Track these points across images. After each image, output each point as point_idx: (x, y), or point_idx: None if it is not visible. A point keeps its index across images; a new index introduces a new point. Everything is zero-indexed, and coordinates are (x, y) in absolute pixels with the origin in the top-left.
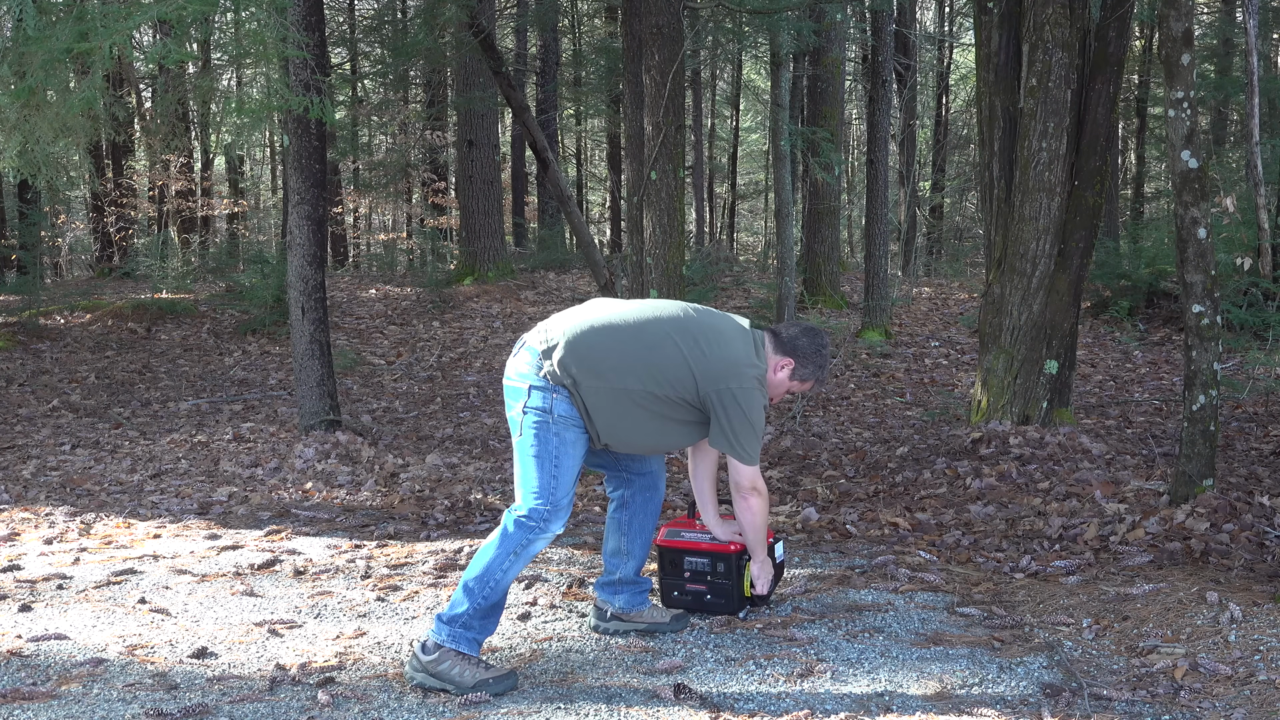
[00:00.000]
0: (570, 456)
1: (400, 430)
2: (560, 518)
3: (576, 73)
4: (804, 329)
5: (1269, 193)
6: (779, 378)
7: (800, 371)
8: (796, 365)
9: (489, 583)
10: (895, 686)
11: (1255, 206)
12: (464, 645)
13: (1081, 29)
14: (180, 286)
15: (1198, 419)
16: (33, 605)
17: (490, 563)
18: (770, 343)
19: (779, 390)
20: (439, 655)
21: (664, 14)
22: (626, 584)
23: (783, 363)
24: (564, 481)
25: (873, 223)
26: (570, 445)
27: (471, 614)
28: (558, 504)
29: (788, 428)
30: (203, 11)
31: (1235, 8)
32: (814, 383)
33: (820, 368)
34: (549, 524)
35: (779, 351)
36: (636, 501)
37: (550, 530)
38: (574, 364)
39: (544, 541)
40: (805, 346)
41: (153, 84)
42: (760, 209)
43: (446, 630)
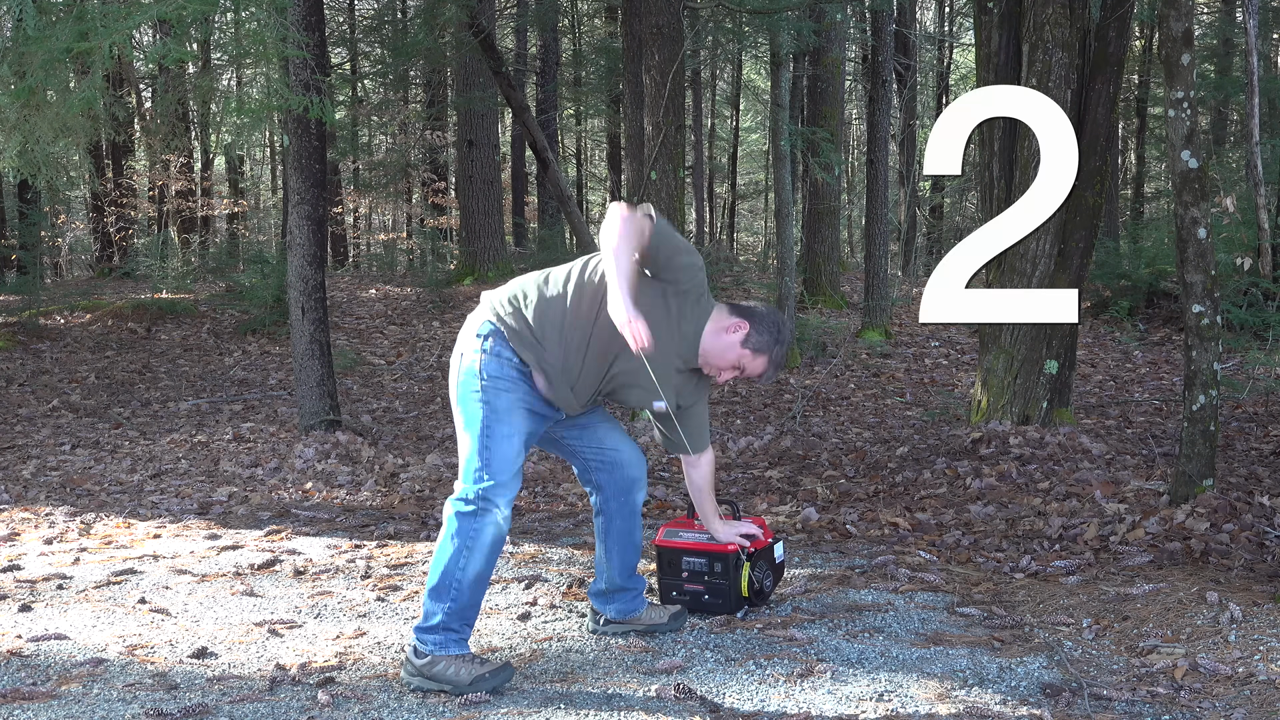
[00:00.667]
0: (505, 424)
1: (400, 430)
2: (503, 494)
3: (576, 73)
4: (761, 303)
5: (1269, 193)
6: (731, 338)
7: (754, 338)
8: (751, 329)
9: (451, 587)
10: (895, 686)
11: (1255, 206)
12: (452, 648)
13: (1081, 29)
14: (180, 286)
15: (1198, 419)
16: (33, 605)
17: (446, 566)
18: (726, 306)
19: (729, 355)
20: (430, 660)
21: (664, 14)
22: (616, 591)
23: (736, 323)
24: (499, 452)
25: (873, 223)
26: (504, 412)
27: (447, 620)
28: (497, 478)
29: (788, 428)
30: (203, 11)
31: (1235, 8)
32: (767, 360)
33: (775, 340)
34: (491, 502)
35: (734, 313)
36: (610, 507)
37: (494, 510)
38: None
39: (493, 527)
40: (762, 313)
41: (153, 84)
42: (760, 209)
43: (429, 639)
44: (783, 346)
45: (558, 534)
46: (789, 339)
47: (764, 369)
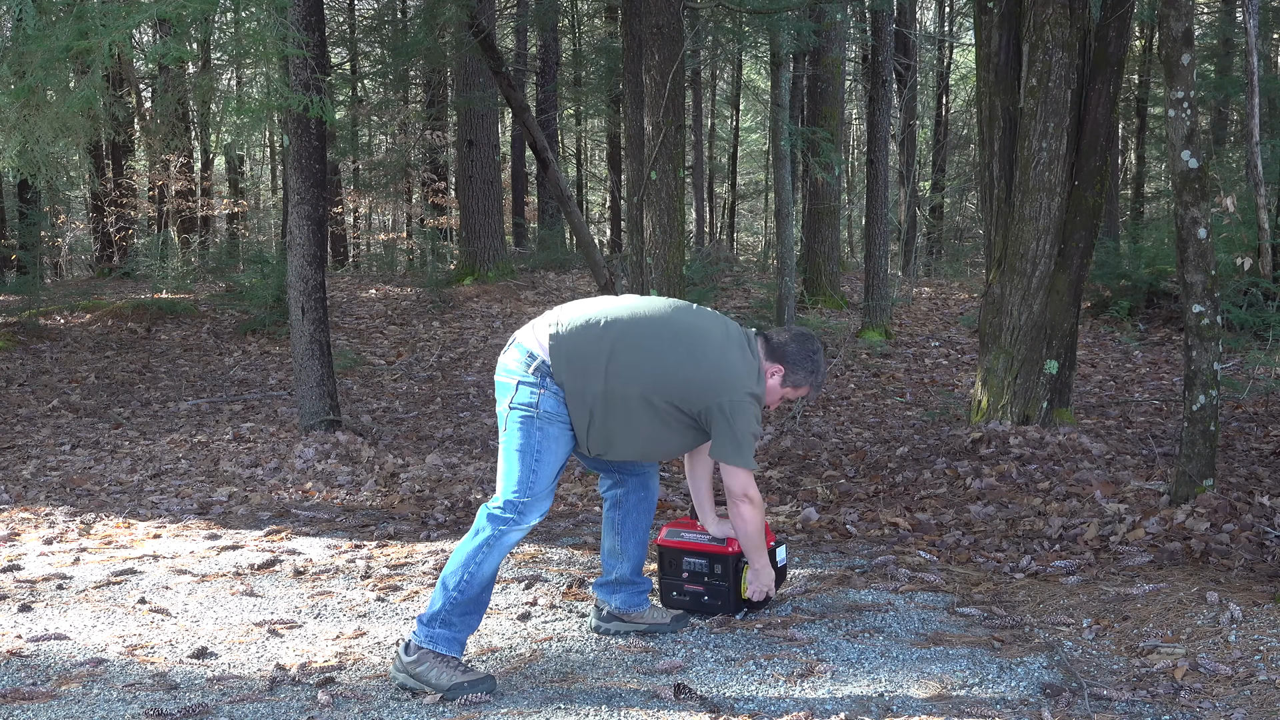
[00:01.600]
0: (552, 452)
1: (400, 430)
2: (536, 510)
3: (576, 73)
4: (794, 335)
5: (1269, 193)
6: (770, 384)
7: (791, 377)
8: (787, 371)
9: (464, 575)
10: (895, 686)
11: (1255, 206)
12: (442, 646)
13: (1081, 29)
14: (180, 286)
15: (1198, 419)
16: (33, 605)
17: (466, 556)
18: (762, 348)
19: (773, 397)
20: (419, 656)
21: (664, 14)
22: (624, 584)
23: (772, 369)
24: (543, 476)
25: (873, 223)
26: (553, 440)
27: (449, 609)
28: (535, 496)
29: (788, 428)
30: (203, 10)
31: (1235, 8)
32: (809, 388)
33: (813, 373)
34: (524, 516)
35: (769, 358)
36: (629, 501)
37: (525, 522)
38: (565, 365)
39: (518, 533)
40: (794, 353)
41: (153, 84)
42: (760, 209)
43: (425, 631)
44: (819, 374)
45: (558, 534)
46: (823, 359)
47: (806, 393)
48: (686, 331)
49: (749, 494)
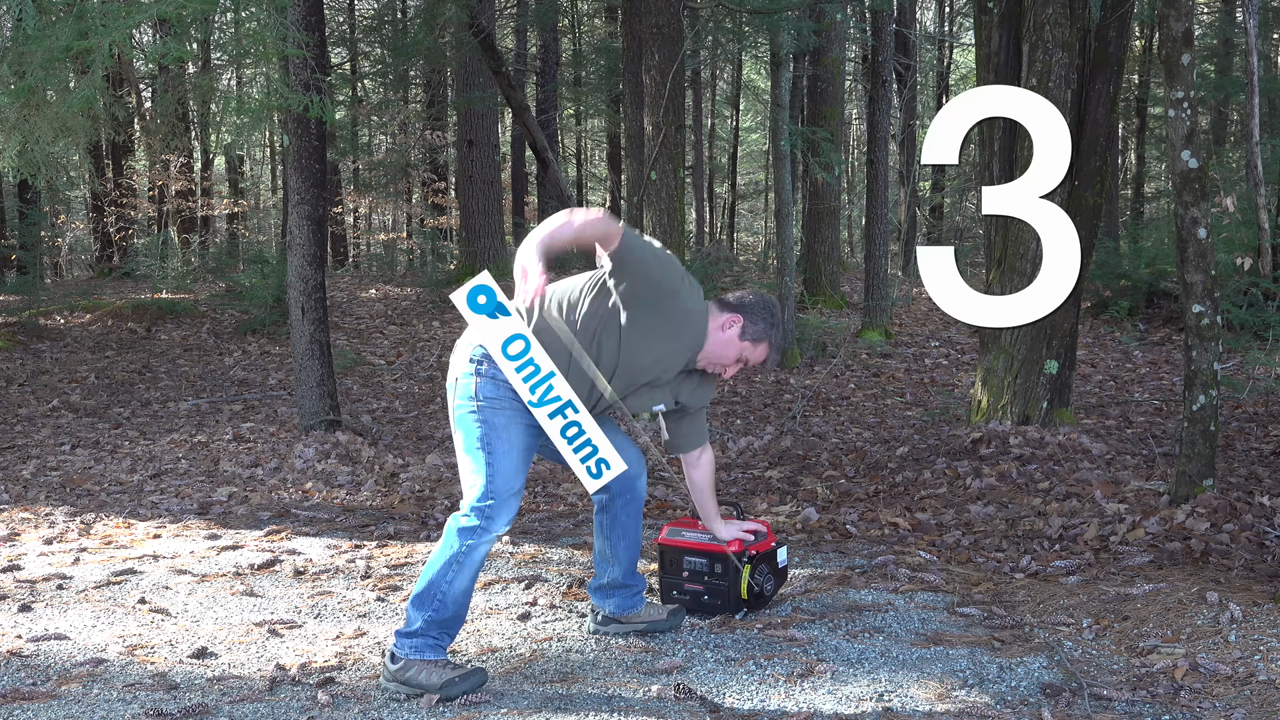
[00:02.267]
0: (504, 441)
1: (400, 430)
2: (503, 515)
3: (576, 73)
4: (749, 292)
5: (1269, 193)
6: (728, 334)
7: (750, 329)
8: (745, 321)
9: (435, 597)
10: (895, 686)
11: (1255, 206)
12: (428, 653)
13: (1081, 29)
14: (180, 286)
15: (1198, 419)
16: (33, 605)
17: (434, 577)
18: (715, 305)
19: (730, 351)
20: (404, 664)
21: (664, 14)
22: (616, 587)
23: (731, 319)
24: (500, 469)
25: (873, 223)
26: (502, 430)
27: (426, 626)
28: (499, 497)
29: (788, 428)
30: (203, 10)
31: (1235, 8)
32: (768, 345)
33: (771, 325)
34: (492, 522)
35: (724, 309)
36: (616, 505)
37: (492, 531)
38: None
39: (486, 546)
40: (751, 303)
41: (153, 84)
42: (760, 209)
43: (406, 644)
44: (779, 329)
45: (558, 534)
46: (781, 322)
47: (766, 354)
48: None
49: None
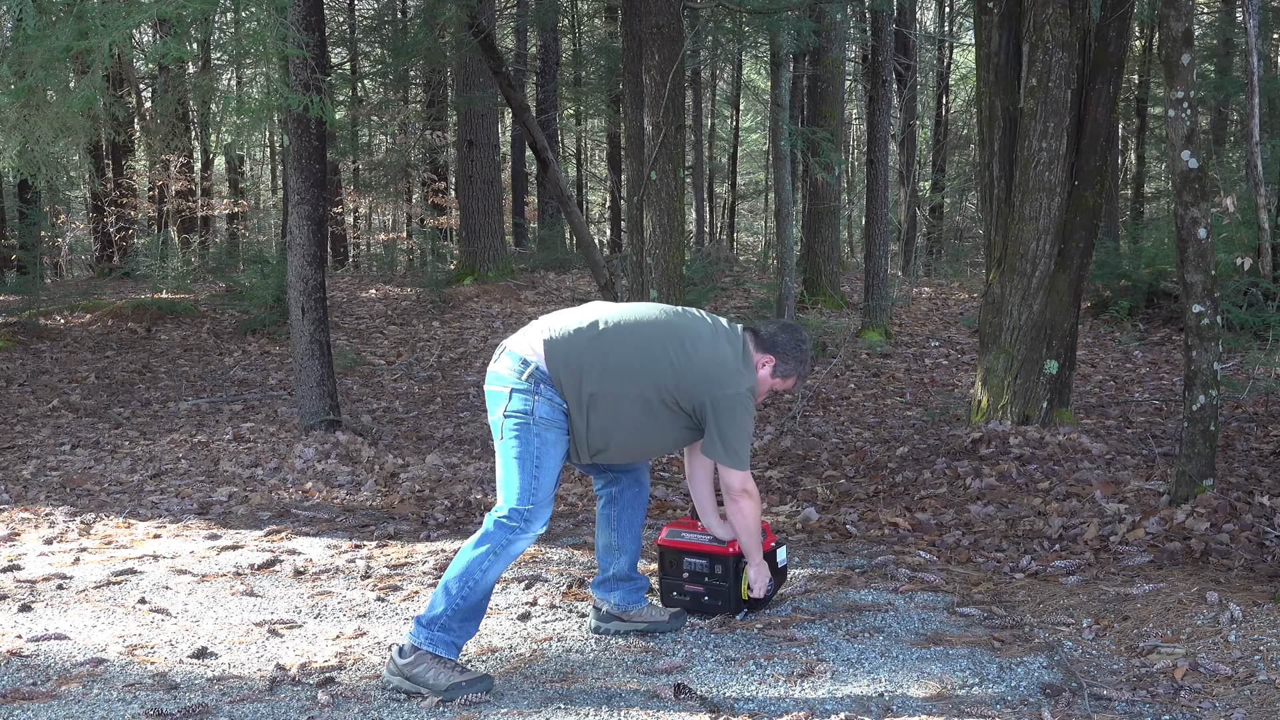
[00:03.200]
0: (551, 457)
1: (400, 430)
2: (542, 517)
3: (576, 73)
4: (782, 326)
5: (1269, 193)
6: (761, 374)
7: (781, 368)
8: (777, 362)
9: (468, 582)
10: (895, 686)
11: (1255, 206)
12: (441, 649)
13: (1081, 29)
14: (180, 286)
15: (1198, 419)
16: (33, 605)
17: (471, 562)
18: (751, 342)
19: (763, 389)
20: (415, 658)
21: (664, 14)
22: (621, 580)
23: (764, 360)
24: (545, 482)
25: (873, 223)
26: (551, 446)
27: (450, 615)
28: (539, 503)
29: (788, 428)
30: (203, 10)
31: (1235, 8)
32: (796, 379)
33: (801, 363)
34: (530, 524)
35: (760, 349)
36: (625, 497)
37: (532, 530)
38: (562, 369)
39: (525, 542)
40: (784, 343)
41: (153, 84)
42: (760, 209)
43: (425, 633)
44: (806, 364)
45: (558, 534)
46: (810, 354)
47: (794, 384)
48: (679, 330)
49: (747, 489)
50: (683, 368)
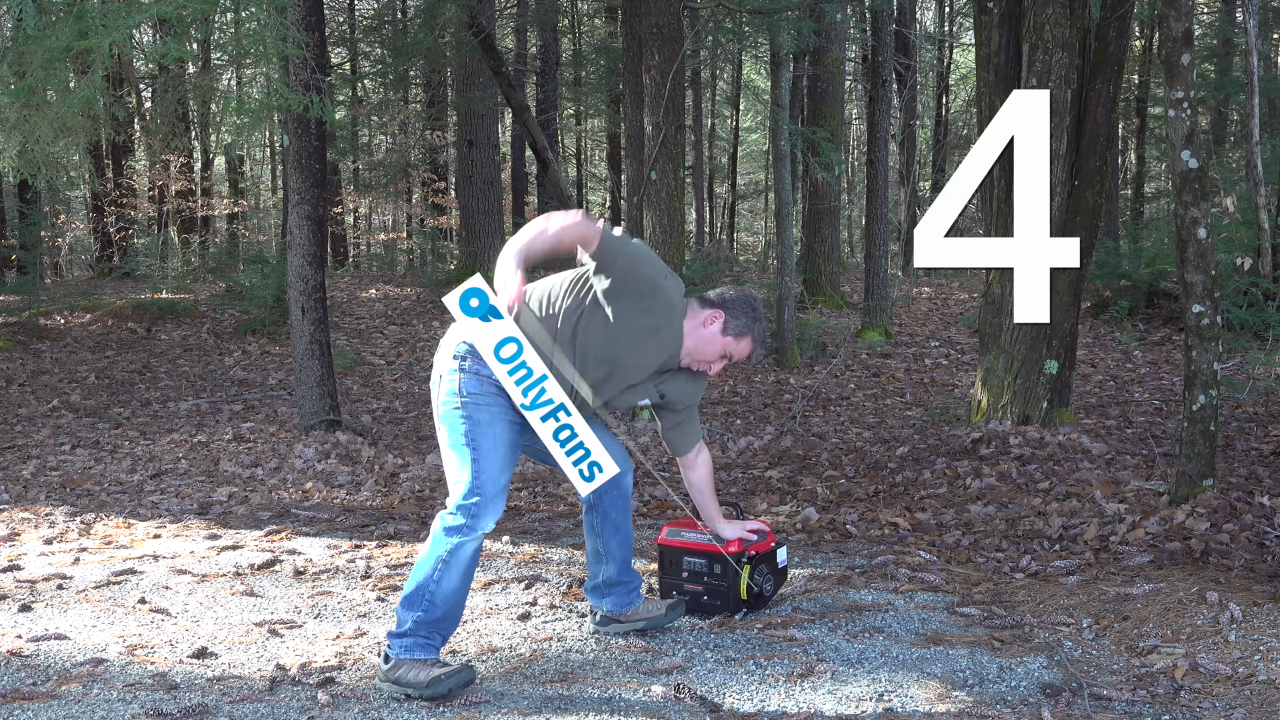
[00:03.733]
0: (487, 437)
1: (400, 430)
2: (489, 512)
3: (576, 73)
4: (729, 287)
5: (1269, 193)
6: (710, 330)
7: (733, 324)
8: (727, 317)
9: (424, 597)
10: (895, 686)
11: (1255, 206)
12: (419, 653)
13: (1081, 29)
14: (180, 286)
15: (1198, 419)
16: (33, 605)
17: (422, 578)
18: (696, 302)
19: (713, 347)
20: (395, 663)
21: (664, 14)
22: (613, 585)
23: (712, 315)
24: (486, 466)
25: (873, 223)
26: (486, 425)
27: (416, 628)
28: (484, 494)
29: (788, 428)
30: (203, 10)
31: (1235, 8)
32: (751, 339)
33: (753, 319)
34: (477, 520)
35: (705, 305)
36: (605, 501)
37: (479, 528)
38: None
39: (473, 544)
40: (731, 298)
41: (153, 84)
42: (760, 209)
43: (398, 644)
44: (761, 323)
45: (558, 534)
46: (763, 315)
47: (750, 349)
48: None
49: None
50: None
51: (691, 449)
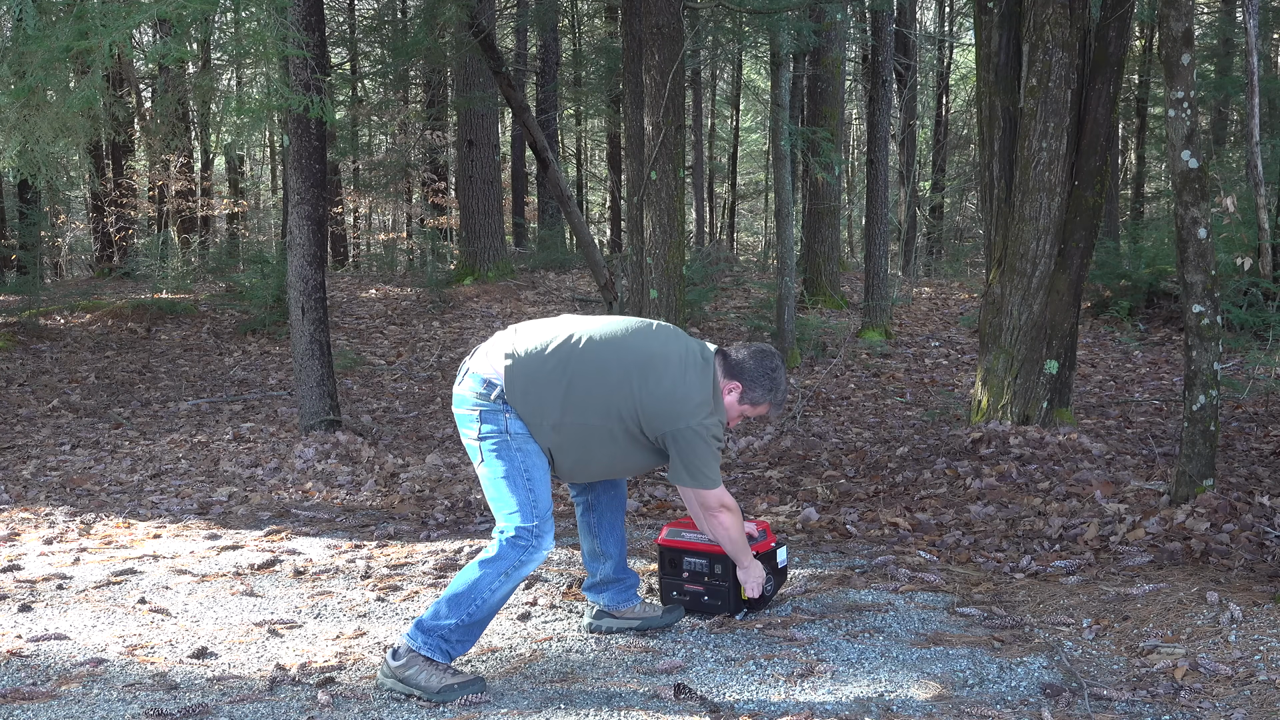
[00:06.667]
0: (538, 468)
1: (400, 430)
2: (549, 532)
3: (576, 73)
4: (754, 350)
5: (1269, 193)
6: (729, 400)
7: (749, 394)
8: (744, 389)
9: (475, 600)
10: (895, 686)
11: (1255, 206)
12: (436, 654)
13: (1081, 29)
14: (180, 286)
15: (1198, 419)
16: (33, 605)
17: (479, 580)
18: (720, 366)
19: (732, 415)
20: (408, 660)
21: (664, 14)
22: (609, 583)
23: (730, 386)
24: (540, 494)
25: (873, 223)
26: (535, 456)
27: (453, 629)
28: (543, 517)
29: (788, 428)
30: (203, 10)
31: (1235, 8)
32: (769, 405)
33: (771, 390)
34: (541, 540)
35: (726, 375)
36: (602, 502)
37: (543, 548)
38: (521, 402)
39: (535, 562)
40: (752, 369)
41: (153, 84)
42: (760, 209)
43: (422, 638)
44: (779, 390)
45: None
46: (783, 377)
47: (767, 412)
48: (644, 357)
49: (725, 503)
50: (644, 400)
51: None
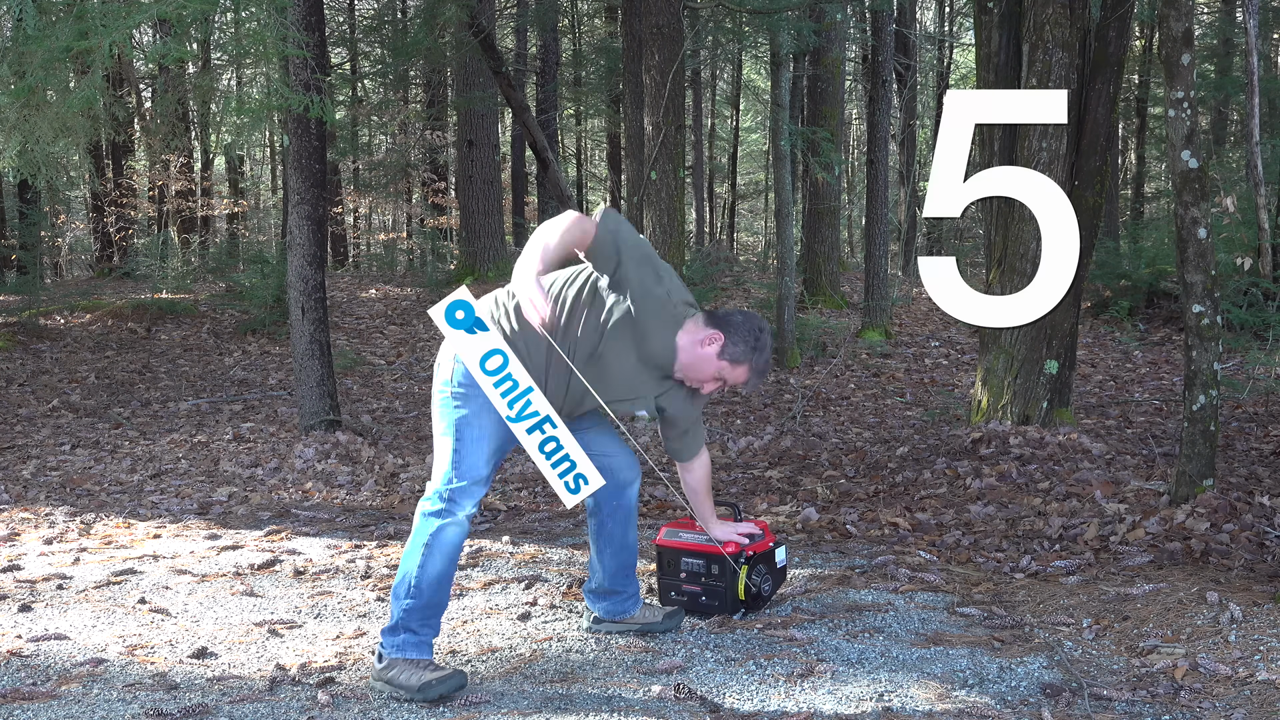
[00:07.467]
0: (474, 426)
1: (400, 430)
2: (469, 497)
3: (576, 73)
4: (740, 311)
5: (1269, 193)
6: (707, 351)
7: (730, 350)
8: (726, 341)
9: (408, 584)
10: (895, 686)
11: (1255, 206)
12: (411, 652)
13: (1081, 29)
14: (180, 286)
15: (1198, 419)
16: (33, 605)
17: (407, 566)
18: (702, 318)
19: (708, 368)
20: (389, 663)
21: (664, 14)
22: (605, 593)
23: (711, 335)
24: (469, 454)
25: (873, 223)
26: (474, 415)
27: (405, 618)
28: (464, 479)
29: (788, 428)
30: (203, 11)
31: (1235, 8)
32: (748, 368)
33: (754, 350)
34: (456, 504)
35: (709, 324)
36: (603, 512)
37: (458, 513)
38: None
39: (455, 529)
40: (738, 323)
41: (153, 84)
42: (760, 209)
43: (389, 641)
44: (763, 354)
45: (558, 534)
46: (769, 344)
47: (745, 378)
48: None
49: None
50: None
51: (693, 456)
